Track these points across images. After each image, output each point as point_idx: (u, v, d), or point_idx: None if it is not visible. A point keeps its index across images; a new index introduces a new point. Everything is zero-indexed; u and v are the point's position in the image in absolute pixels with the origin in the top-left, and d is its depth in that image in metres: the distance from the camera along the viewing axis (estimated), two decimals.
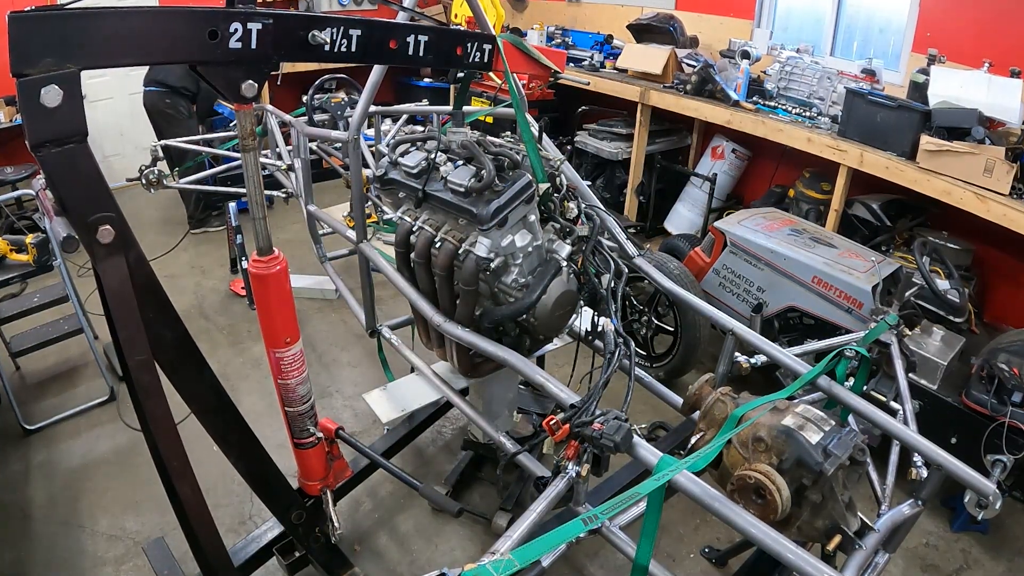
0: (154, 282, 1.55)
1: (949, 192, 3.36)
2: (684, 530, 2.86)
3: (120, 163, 6.08)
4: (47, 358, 3.82)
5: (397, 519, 2.90)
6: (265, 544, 2.38)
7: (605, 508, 1.43)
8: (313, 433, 2.14)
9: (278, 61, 1.52)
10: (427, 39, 1.83)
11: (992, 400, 2.72)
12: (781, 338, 3.40)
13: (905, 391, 2.24)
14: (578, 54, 5.93)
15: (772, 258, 3.37)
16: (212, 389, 1.79)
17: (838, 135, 3.95)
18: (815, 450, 1.61)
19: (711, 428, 1.85)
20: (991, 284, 3.93)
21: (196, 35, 1.37)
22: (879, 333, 2.38)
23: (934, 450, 1.89)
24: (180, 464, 1.69)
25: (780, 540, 1.46)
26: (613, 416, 1.63)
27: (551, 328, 2.20)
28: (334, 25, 1.58)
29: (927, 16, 4.09)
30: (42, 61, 1.18)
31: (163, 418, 1.62)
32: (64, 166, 1.29)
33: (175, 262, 4.95)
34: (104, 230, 1.39)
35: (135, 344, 1.51)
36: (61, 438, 3.32)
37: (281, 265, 1.83)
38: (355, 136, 2.61)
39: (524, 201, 2.03)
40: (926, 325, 3.14)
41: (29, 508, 2.90)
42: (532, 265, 2.12)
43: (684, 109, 4.78)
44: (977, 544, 2.85)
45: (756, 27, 5.12)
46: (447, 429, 3.43)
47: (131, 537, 2.76)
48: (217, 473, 2.82)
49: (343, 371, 3.92)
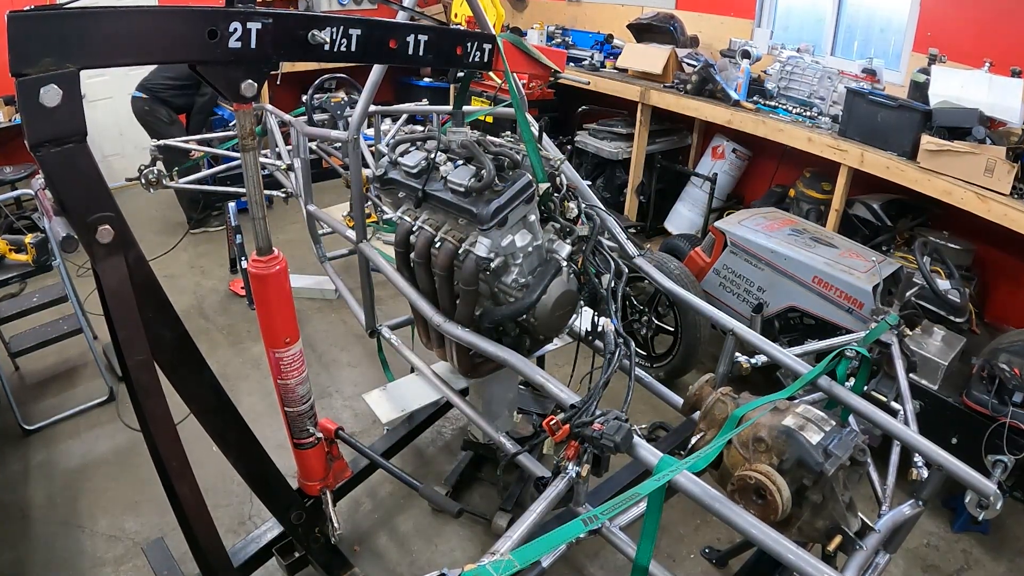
0: (153, 282, 1.55)
1: (950, 192, 3.35)
2: (684, 530, 2.85)
3: (120, 163, 6.09)
4: (46, 358, 3.81)
5: (397, 519, 2.90)
6: (265, 544, 2.38)
7: (605, 508, 1.43)
8: (313, 433, 2.13)
9: (278, 61, 1.52)
10: (427, 39, 1.83)
11: (993, 400, 2.72)
12: (781, 338, 3.40)
13: (906, 391, 2.23)
14: (578, 54, 5.92)
15: (772, 258, 3.37)
16: (211, 389, 1.79)
17: (839, 135, 3.95)
18: (816, 450, 1.60)
19: (711, 428, 1.85)
20: (992, 284, 3.93)
21: (195, 35, 1.37)
22: (880, 333, 2.37)
23: (935, 450, 1.88)
24: (179, 464, 1.69)
25: (780, 540, 1.46)
26: (613, 416, 1.63)
27: (551, 328, 2.19)
28: (334, 25, 1.58)
29: (928, 16, 4.08)
30: (41, 61, 1.18)
31: (162, 418, 1.61)
32: (63, 166, 1.29)
33: (174, 262, 4.95)
34: (103, 230, 1.38)
35: (134, 344, 1.51)
36: (60, 438, 3.32)
37: (281, 265, 1.83)
38: (355, 136, 2.60)
39: (524, 201, 2.02)
40: (927, 325, 3.14)
41: (28, 508, 2.90)
42: (532, 265, 2.11)
43: (684, 109, 4.78)
44: (978, 544, 2.85)
45: (756, 27, 5.12)
46: (447, 429, 3.42)
47: (130, 537, 2.75)
48: (216, 473, 2.81)
49: (343, 371, 3.91)
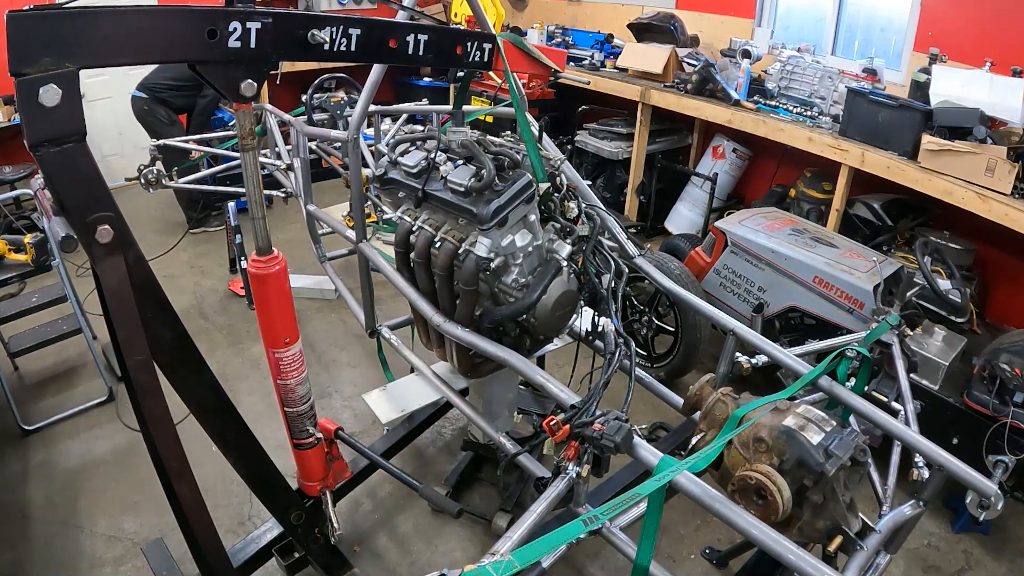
0: (153, 282, 1.54)
1: (951, 192, 3.35)
2: (685, 531, 2.85)
3: (119, 163, 6.08)
4: (45, 358, 3.80)
5: (397, 520, 2.89)
6: (264, 545, 2.38)
7: (605, 509, 1.42)
8: (312, 434, 2.13)
9: (277, 60, 1.52)
10: (427, 38, 1.83)
11: (994, 400, 2.71)
12: (782, 338, 3.39)
13: (906, 391, 2.23)
14: (578, 53, 5.91)
15: (773, 258, 3.37)
16: (211, 389, 1.78)
17: (839, 135, 3.94)
18: (816, 451, 1.60)
19: (712, 429, 1.85)
20: (993, 284, 3.92)
21: (195, 34, 1.36)
22: (880, 333, 2.36)
23: (935, 451, 1.88)
24: (179, 464, 1.69)
25: (781, 541, 1.45)
26: (613, 416, 1.62)
27: (551, 328, 2.18)
28: (333, 24, 1.58)
29: (928, 15, 4.07)
30: (40, 60, 1.18)
31: (162, 418, 1.61)
32: (63, 166, 1.29)
33: (174, 262, 4.94)
34: (103, 230, 1.38)
35: (134, 344, 1.51)
36: (60, 438, 3.31)
37: (280, 265, 1.82)
38: (355, 136, 2.59)
39: (524, 201, 2.01)
40: (927, 325, 3.13)
41: (27, 509, 2.89)
42: (532, 265, 2.11)
43: (685, 108, 4.77)
44: (979, 545, 2.85)
45: (757, 26, 5.11)
46: (447, 430, 3.41)
47: (130, 538, 2.75)
48: (216, 473, 2.81)
49: (342, 371, 3.91)
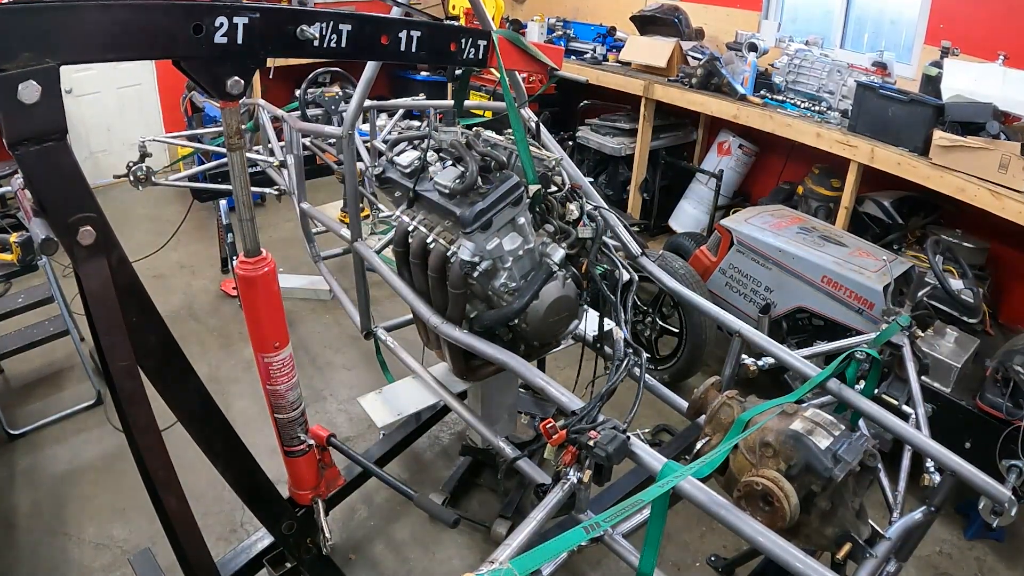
0: (137, 284, 1.52)
1: (963, 189, 3.29)
2: (689, 538, 2.82)
3: (107, 159, 6.00)
4: (32, 360, 3.74)
5: (393, 527, 2.85)
6: (255, 555, 2.33)
7: (608, 515, 1.41)
8: (304, 441, 2.10)
9: (265, 57, 1.48)
10: (420, 35, 1.80)
11: (1007, 403, 2.69)
12: (789, 340, 3.39)
13: (917, 394, 2.20)
14: (580, 47, 5.84)
15: (780, 257, 3.35)
16: (198, 396, 1.74)
17: (848, 130, 3.88)
18: (824, 455, 1.58)
19: (717, 433, 1.83)
20: (1006, 284, 3.87)
21: (180, 29, 1.33)
22: (891, 335, 2.32)
23: (947, 455, 1.85)
24: (165, 474, 1.65)
25: (788, 549, 1.44)
26: (611, 426, 1.60)
27: (545, 334, 2.15)
28: (323, 20, 1.56)
29: (940, 7, 4.02)
30: (20, 55, 1.16)
31: (147, 426, 1.57)
32: (43, 165, 1.26)
33: (164, 261, 4.84)
34: (85, 231, 1.35)
35: (118, 349, 1.48)
36: (46, 443, 3.26)
37: (269, 267, 1.79)
38: (349, 132, 2.57)
39: (511, 203, 1.98)
40: (939, 326, 3.10)
41: (13, 516, 2.85)
42: (524, 269, 2.08)
43: (689, 103, 4.71)
44: (992, 552, 2.82)
45: (763, 19, 5.05)
46: (445, 434, 3.38)
47: (118, 545, 2.71)
48: (206, 480, 2.72)
49: (337, 374, 3.85)
